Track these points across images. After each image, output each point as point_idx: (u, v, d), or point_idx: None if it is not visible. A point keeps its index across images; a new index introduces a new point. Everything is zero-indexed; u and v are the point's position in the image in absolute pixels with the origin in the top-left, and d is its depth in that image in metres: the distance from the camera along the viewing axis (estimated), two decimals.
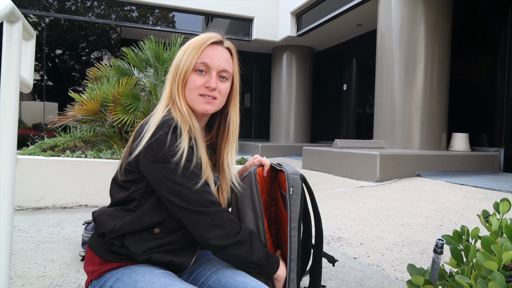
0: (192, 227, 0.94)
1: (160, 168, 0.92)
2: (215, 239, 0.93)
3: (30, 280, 1.68)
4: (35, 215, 2.96)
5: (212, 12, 8.57)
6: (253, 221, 1.10)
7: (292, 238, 1.08)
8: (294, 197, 1.08)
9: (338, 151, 5.03)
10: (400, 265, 2.02)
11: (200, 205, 0.92)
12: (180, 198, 0.92)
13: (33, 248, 2.14)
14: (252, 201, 1.10)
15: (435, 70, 5.19)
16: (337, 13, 6.94)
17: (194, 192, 0.92)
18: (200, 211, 0.92)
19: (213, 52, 1.02)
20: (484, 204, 3.13)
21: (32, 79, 1.27)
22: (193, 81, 1.00)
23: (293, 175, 1.10)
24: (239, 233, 0.95)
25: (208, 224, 0.92)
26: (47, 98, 7.82)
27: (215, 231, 0.93)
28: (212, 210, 0.93)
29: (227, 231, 0.94)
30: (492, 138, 5.36)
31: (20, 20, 1.01)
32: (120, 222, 0.96)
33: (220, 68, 1.02)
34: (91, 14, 8.06)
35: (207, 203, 0.93)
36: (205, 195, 0.94)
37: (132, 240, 0.96)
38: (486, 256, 0.95)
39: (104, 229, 0.97)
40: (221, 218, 0.94)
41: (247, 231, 0.98)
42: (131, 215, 0.97)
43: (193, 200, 0.92)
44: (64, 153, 3.56)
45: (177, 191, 0.92)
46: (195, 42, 1.02)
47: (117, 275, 0.95)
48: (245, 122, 10.53)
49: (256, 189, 1.10)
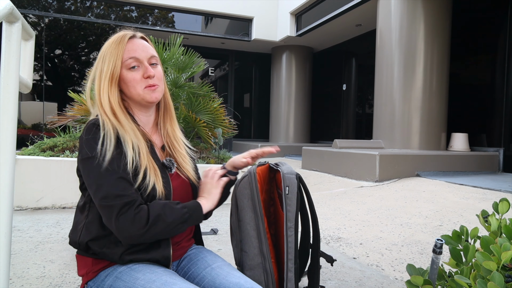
0: (105, 222, 0.93)
1: (82, 165, 0.94)
2: (126, 230, 0.89)
3: (29, 280, 1.68)
4: (34, 215, 2.96)
5: (211, 12, 8.57)
6: (253, 221, 1.10)
7: (288, 237, 1.07)
8: (290, 197, 1.08)
9: (338, 151, 5.03)
10: (400, 265, 2.03)
11: (107, 198, 0.90)
12: (92, 193, 0.92)
13: (33, 248, 2.13)
14: (252, 201, 1.10)
15: (435, 70, 5.20)
16: (337, 13, 6.94)
17: (106, 185, 0.91)
18: (106, 206, 0.90)
19: (135, 46, 1.03)
20: (483, 204, 3.13)
21: (31, 79, 1.27)
22: (132, 78, 1.01)
23: (288, 175, 1.09)
24: (148, 219, 0.91)
25: (114, 220, 0.89)
26: (46, 98, 7.81)
27: (122, 222, 0.89)
28: (117, 204, 0.90)
29: (136, 219, 0.90)
30: (491, 138, 5.36)
31: (19, 20, 1.01)
32: (82, 232, 0.98)
33: (149, 56, 1.04)
34: (91, 14, 8.06)
35: (115, 196, 0.90)
36: (114, 190, 0.91)
37: (102, 252, 0.96)
38: (485, 256, 0.95)
39: (73, 244, 1.00)
40: (125, 210, 0.90)
41: (155, 210, 0.93)
42: (88, 220, 0.98)
43: (103, 193, 0.90)
44: (63, 153, 3.55)
45: (90, 186, 0.92)
46: (112, 45, 1.03)
47: (116, 273, 0.95)
48: (245, 122, 10.53)
49: (256, 189, 1.10)
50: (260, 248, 1.09)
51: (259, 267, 1.09)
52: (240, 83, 10.54)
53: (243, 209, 1.11)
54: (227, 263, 1.07)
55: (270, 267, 1.09)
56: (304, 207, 1.20)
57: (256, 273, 1.08)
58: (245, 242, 1.11)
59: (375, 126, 5.59)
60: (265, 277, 1.08)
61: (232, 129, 4.28)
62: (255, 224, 1.09)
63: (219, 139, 3.92)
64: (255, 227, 1.09)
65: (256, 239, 1.09)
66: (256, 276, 1.07)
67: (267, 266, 1.09)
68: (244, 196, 1.11)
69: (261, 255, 1.09)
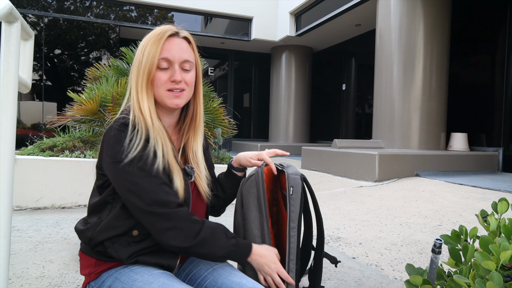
0: (149, 228, 0.93)
1: (114, 168, 0.91)
2: (172, 241, 0.91)
3: (28, 280, 1.68)
4: (34, 215, 2.96)
5: (211, 12, 8.57)
6: (258, 220, 1.09)
7: (291, 238, 1.07)
8: (294, 197, 1.07)
9: (337, 151, 5.03)
10: (399, 264, 2.03)
11: (154, 206, 0.90)
12: (134, 198, 0.90)
13: (32, 248, 2.13)
14: (258, 200, 1.09)
15: (434, 70, 5.20)
16: (336, 13, 6.94)
17: (148, 191, 0.90)
18: (154, 212, 0.90)
19: (171, 45, 1.00)
20: (482, 204, 3.13)
21: (31, 79, 1.27)
22: (158, 78, 0.99)
23: (293, 175, 1.09)
24: (200, 233, 0.92)
25: (163, 226, 0.90)
26: (46, 98, 7.81)
27: (172, 233, 0.90)
28: (167, 212, 0.90)
29: (185, 232, 0.91)
30: (491, 138, 5.37)
31: (19, 20, 1.01)
32: (96, 229, 0.96)
33: (181, 60, 1.00)
34: (90, 14, 8.05)
35: (162, 203, 0.91)
36: (160, 195, 0.91)
37: (113, 248, 0.95)
38: (484, 256, 0.95)
39: (84, 239, 0.97)
40: (177, 220, 0.91)
41: (209, 229, 0.95)
42: (106, 219, 0.96)
43: (147, 200, 0.90)
44: (63, 153, 3.55)
45: (131, 191, 0.90)
46: (153, 38, 1.00)
47: (116, 275, 0.95)
48: (244, 122, 10.53)
49: (263, 189, 1.09)
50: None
51: None
52: (239, 83, 10.54)
53: (249, 208, 1.10)
54: (228, 263, 1.07)
55: None
56: (307, 208, 1.20)
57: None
58: (247, 240, 1.11)
59: (374, 126, 5.59)
60: None
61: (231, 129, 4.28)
62: (259, 223, 1.09)
63: (219, 139, 3.92)
64: (259, 226, 1.09)
65: (260, 238, 1.09)
66: (259, 275, 1.07)
67: None
68: (250, 195, 1.11)
69: None
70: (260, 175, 1.10)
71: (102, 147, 0.96)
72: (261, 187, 1.09)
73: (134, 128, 0.94)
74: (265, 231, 1.08)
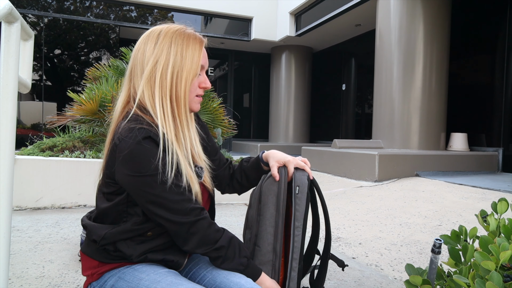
0: (172, 235, 0.95)
1: (135, 181, 0.89)
2: (193, 247, 0.93)
3: (28, 280, 1.68)
4: (33, 215, 2.96)
5: (211, 12, 8.57)
6: (273, 218, 1.09)
7: (295, 237, 1.07)
8: (299, 196, 1.08)
9: (337, 151, 5.03)
10: (399, 265, 2.03)
11: (179, 215, 0.91)
12: (157, 209, 0.90)
13: (32, 248, 2.13)
14: (277, 198, 1.09)
15: (434, 70, 5.20)
16: (336, 13, 6.95)
17: (173, 202, 0.90)
18: (179, 222, 0.91)
19: (204, 53, 1.01)
20: (482, 204, 3.13)
21: (31, 79, 1.27)
22: (193, 84, 1.00)
23: (300, 175, 1.10)
24: (218, 240, 0.95)
25: (186, 234, 0.92)
26: (45, 98, 7.81)
27: (194, 239, 0.93)
28: (191, 221, 0.92)
29: (207, 240, 0.94)
30: (490, 138, 5.37)
31: (19, 20, 1.01)
32: (111, 230, 0.95)
33: (207, 66, 1.04)
34: (90, 14, 8.05)
35: (187, 212, 0.92)
36: (184, 204, 0.92)
37: (125, 244, 0.95)
38: (484, 256, 0.95)
39: (95, 236, 0.95)
40: (200, 227, 0.93)
41: (227, 238, 0.97)
42: (124, 225, 0.95)
43: (172, 211, 0.90)
44: (63, 153, 3.55)
45: (154, 202, 0.90)
46: (193, 43, 0.98)
47: (119, 274, 0.94)
48: (244, 122, 10.53)
49: (284, 188, 1.10)
50: (274, 246, 1.09)
51: (269, 264, 1.09)
52: (239, 83, 10.54)
53: (266, 205, 1.11)
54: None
55: (278, 266, 1.09)
56: (316, 209, 1.20)
57: (265, 269, 1.08)
58: (260, 237, 1.11)
59: (374, 126, 5.59)
60: (272, 274, 1.08)
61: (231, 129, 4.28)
62: (275, 221, 1.09)
63: (219, 139, 3.92)
64: (274, 224, 1.09)
65: (273, 236, 1.09)
66: (265, 272, 1.08)
67: (276, 264, 1.09)
68: (270, 192, 1.11)
69: (274, 252, 1.09)
70: (283, 175, 1.10)
71: (116, 158, 0.90)
72: (283, 185, 1.10)
73: (154, 140, 0.90)
74: (279, 229, 1.09)
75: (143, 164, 0.88)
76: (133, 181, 0.89)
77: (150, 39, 0.97)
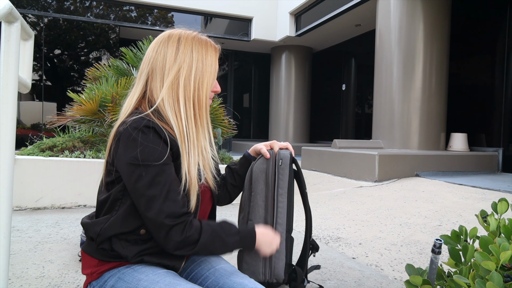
0: (152, 234, 0.94)
1: (130, 170, 0.90)
2: (173, 249, 0.92)
3: (28, 280, 1.68)
4: (33, 216, 2.96)
5: (211, 12, 8.57)
6: (263, 192, 1.19)
7: (279, 203, 1.16)
8: (282, 167, 1.18)
9: (337, 151, 5.03)
10: (399, 265, 2.03)
11: (159, 216, 0.89)
12: (141, 204, 0.91)
13: (32, 248, 2.13)
14: (266, 174, 1.19)
15: (434, 70, 5.20)
16: (336, 13, 6.95)
17: (158, 201, 0.90)
18: (156, 221, 0.90)
19: (217, 60, 1.06)
20: (482, 204, 3.13)
21: (31, 79, 1.27)
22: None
23: (283, 152, 1.21)
24: (198, 240, 0.93)
25: (163, 236, 0.91)
26: (45, 98, 7.81)
27: (171, 243, 0.91)
28: (168, 224, 0.90)
29: (184, 243, 0.92)
30: (490, 138, 5.37)
31: (19, 20, 1.01)
32: (105, 225, 0.95)
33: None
34: (90, 14, 8.05)
35: (169, 214, 0.90)
36: (169, 207, 0.90)
37: (120, 244, 0.95)
38: (484, 256, 0.95)
39: (92, 234, 0.96)
40: (175, 231, 0.91)
41: (208, 233, 0.95)
42: (116, 215, 0.95)
43: (155, 209, 0.90)
44: (62, 153, 3.55)
45: (144, 196, 0.90)
46: (211, 50, 1.04)
47: (119, 274, 0.94)
48: (244, 122, 10.53)
49: (273, 164, 1.19)
50: (265, 217, 1.17)
51: None
52: (239, 83, 10.54)
53: (256, 181, 1.19)
54: (231, 265, 1.07)
55: None
56: (306, 201, 1.28)
57: None
58: (252, 211, 1.19)
59: (374, 126, 5.59)
60: None
61: (231, 129, 4.28)
62: (265, 195, 1.18)
63: (219, 139, 3.92)
64: (264, 198, 1.18)
65: (264, 209, 1.18)
66: None
67: None
68: (260, 170, 1.20)
69: (265, 223, 1.17)
70: (272, 154, 1.20)
71: (119, 144, 0.92)
72: (271, 163, 1.19)
73: (159, 133, 0.92)
74: (269, 201, 1.17)
75: (142, 153, 0.89)
76: (128, 169, 0.90)
77: (170, 44, 1.00)
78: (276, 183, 1.17)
